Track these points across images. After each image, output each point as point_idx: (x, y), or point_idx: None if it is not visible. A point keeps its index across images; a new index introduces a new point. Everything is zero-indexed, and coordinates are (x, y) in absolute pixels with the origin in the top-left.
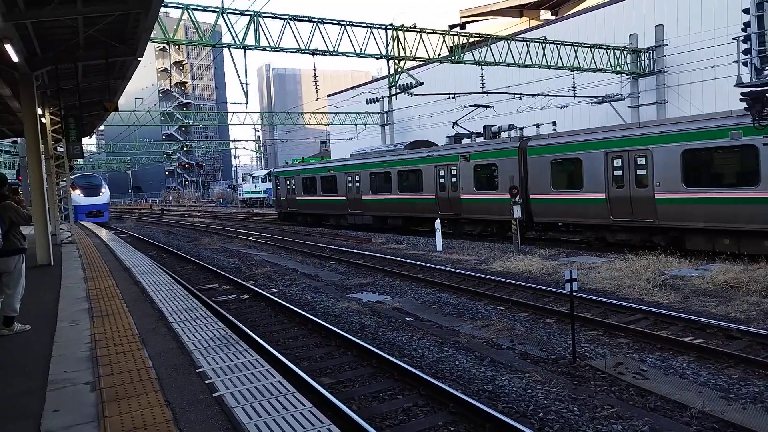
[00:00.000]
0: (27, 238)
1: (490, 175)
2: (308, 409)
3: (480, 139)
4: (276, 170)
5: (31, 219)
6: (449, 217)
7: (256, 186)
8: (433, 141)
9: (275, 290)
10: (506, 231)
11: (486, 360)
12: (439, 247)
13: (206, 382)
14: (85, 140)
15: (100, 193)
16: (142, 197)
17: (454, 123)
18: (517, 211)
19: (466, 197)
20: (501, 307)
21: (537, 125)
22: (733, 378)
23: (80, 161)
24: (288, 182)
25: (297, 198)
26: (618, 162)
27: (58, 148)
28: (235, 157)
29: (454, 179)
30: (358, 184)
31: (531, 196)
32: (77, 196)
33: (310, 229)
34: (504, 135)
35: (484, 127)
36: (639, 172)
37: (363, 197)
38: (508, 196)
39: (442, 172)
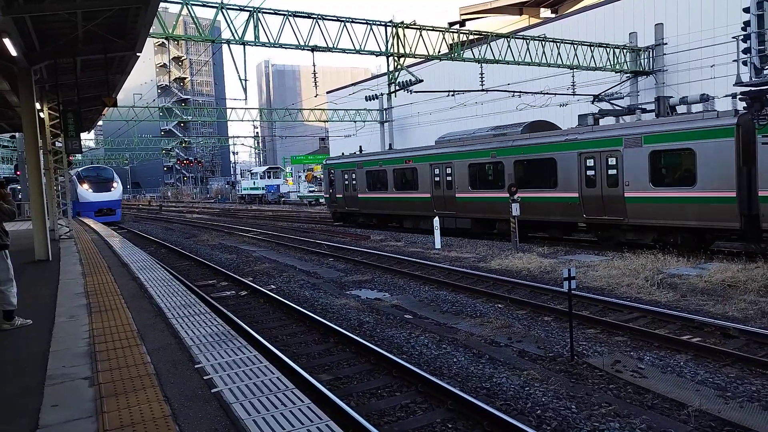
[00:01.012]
0: (25, 234)
1: (679, 166)
2: (307, 406)
3: (648, 117)
4: (330, 161)
5: (15, 215)
6: (604, 222)
7: (254, 182)
8: (552, 122)
9: (273, 287)
10: (710, 242)
11: (484, 357)
12: (438, 245)
13: (205, 377)
14: (83, 135)
15: (112, 188)
16: (141, 193)
17: (596, 97)
18: (515, 210)
19: (636, 195)
20: (499, 305)
21: (734, 95)
22: (730, 376)
23: (78, 156)
24: (346, 176)
25: (359, 195)
26: None
27: (57, 143)
28: (233, 153)
29: (613, 171)
30: (449, 178)
31: (762, 193)
32: (85, 192)
33: (309, 226)
34: (697, 108)
35: (657, 98)
36: None
37: (458, 195)
38: (717, 194)
39: (591, 162)
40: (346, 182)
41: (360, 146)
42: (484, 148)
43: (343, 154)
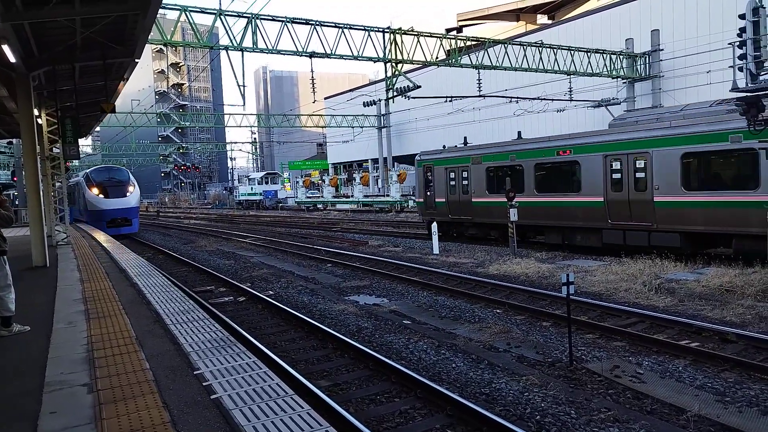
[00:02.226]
0: (22, 240)
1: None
2: (306, 412)
3: None
4: (427, 156)
5: (12, 221)
6: None
7: (252, 188)
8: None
9: (272, 292)
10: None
11: (483, 363)
12: (436, 250)
13: (204, 384)
14: (81, 141)
15: (128, 193)
16: None
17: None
18: (513, 215)
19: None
20: (498, 310)
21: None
22: (729, 381)
23: (75, 162)
24: (452, 174)
25: (474, 200)
26: None
27: (54, 149)
28: (231, 159)
29: None
30: (640, 174)
31: None
32: (95, 198)
33: (307, 232)
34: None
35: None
36: None
37: (659, 198)
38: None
39: None
40: (453, 183)
41: (465, 137)
42: (704, 130)
43: (444, 147)
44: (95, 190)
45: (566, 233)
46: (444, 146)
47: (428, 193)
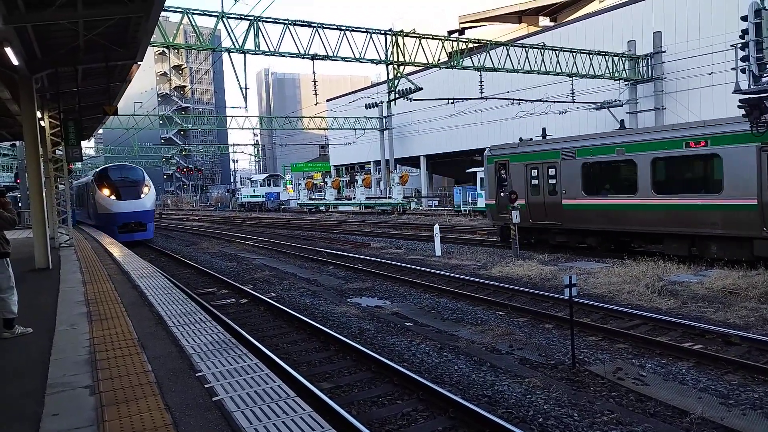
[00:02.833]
0: (25, 242)
1: None
2: (308, 414)
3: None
4: (499, 151)
5: (16, 223)
6: None
7: (254, 190)
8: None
9: (274, 294)
10: None
11: (485, 365)
12: (438, 252)
13: (206, 386)
14: (83, 143)
15: (142, 194)
16: None
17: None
18: (515, 216)
19: None
20: (500, 312)
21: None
22: (732, 384)
23: (78, 165)
24: (535, 172)
25: (564, 202)
26: None
27: (57, 151)
28: (233, 161)
29: None
30: None
31: None
32: (105, 199)
33: (309, 234)
34: None
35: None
36: None
37: None
38: None
39: None
40: (535, 182)
41: (543, 128)
42: None
43: (521, 140)
44: (106, 191)
45: (696, 242)
46: (521, 139)
47: (502, 194)
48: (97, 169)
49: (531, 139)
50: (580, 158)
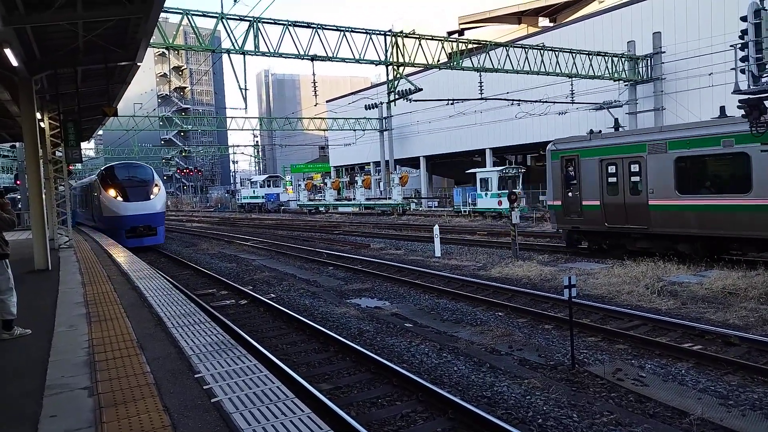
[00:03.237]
0: (24, 244)
1: None
2: (307, 415)
3: None
4: (564, 145)
5: (15, 224)
6: None
7: (254, 191)
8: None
9: (273, 295)
10: None
11: (485, 366)
12: (438, 253)
13: (204, 387)
14: (83, 145)
15: (152, 195)
16: None
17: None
18: (515, 217)
19: None
20: (499, 313)
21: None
22: (732, 384)
23: (78, 166)
24: (612, 169)
25: (652, 202)
26: None
27: (57, 152)
28: (233, 162)
29: None
30: None
31: None
32: (111, 201)
33: (309, 235)
34: None
35: None
36: None
37: None
38: None
39: None
40: (612, 180)
41: (616, 119)
42: None
43: (591, 132)
44: (112, 192)
45: None
46: (592, 131)
47: (569, 194)
48: (102, 168)
49: (600, 131)
50: (673, 152)
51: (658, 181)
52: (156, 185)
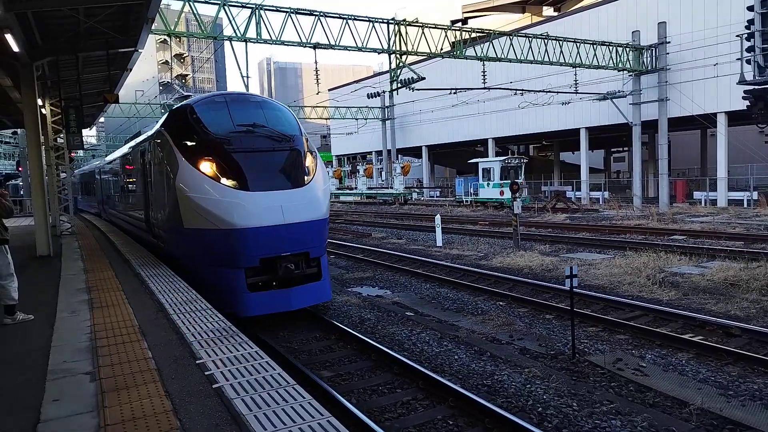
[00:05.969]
0: (27, 230)
1: None
2: (308, 401)
3: None
4: None
5: (13, 211)
6: None
7: None
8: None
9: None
10: None
11: (485, 355)
12: (439, 242)
13: (206, 373)
14: (84, 131)
15: (304, 175)
16: None
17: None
18: (517, 207)
19: None
20: (500, 303)
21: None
22: (732, 375)
23: (80, 152)
24: None
25: None
26: None
27: (58, 139)
28: None
29: None
30: None
31: None
32: (216, 189)
33: None
34: None
35: None
36: None
37: None
38: None
39: None
40: None
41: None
42: None
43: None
44: (209, 168)
45: None
46: None
47: None
48: (174, 107)
49: None
50: None
51: None
52: (310, 152)
